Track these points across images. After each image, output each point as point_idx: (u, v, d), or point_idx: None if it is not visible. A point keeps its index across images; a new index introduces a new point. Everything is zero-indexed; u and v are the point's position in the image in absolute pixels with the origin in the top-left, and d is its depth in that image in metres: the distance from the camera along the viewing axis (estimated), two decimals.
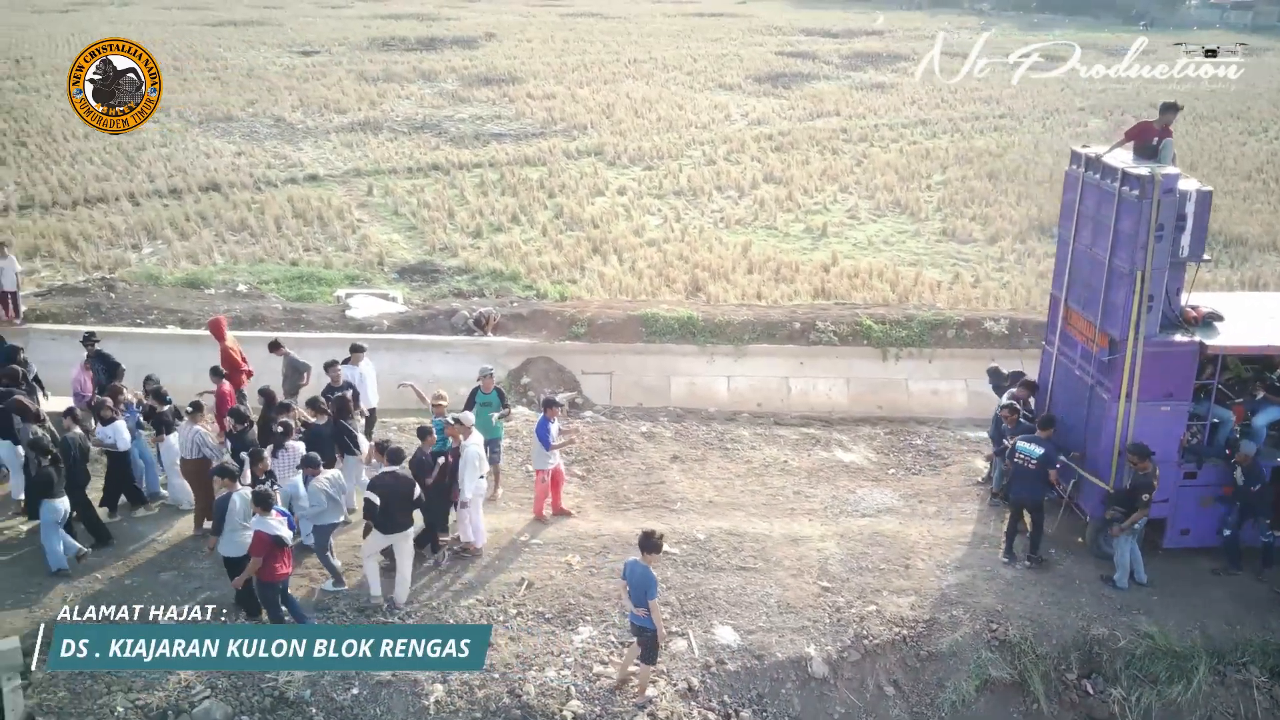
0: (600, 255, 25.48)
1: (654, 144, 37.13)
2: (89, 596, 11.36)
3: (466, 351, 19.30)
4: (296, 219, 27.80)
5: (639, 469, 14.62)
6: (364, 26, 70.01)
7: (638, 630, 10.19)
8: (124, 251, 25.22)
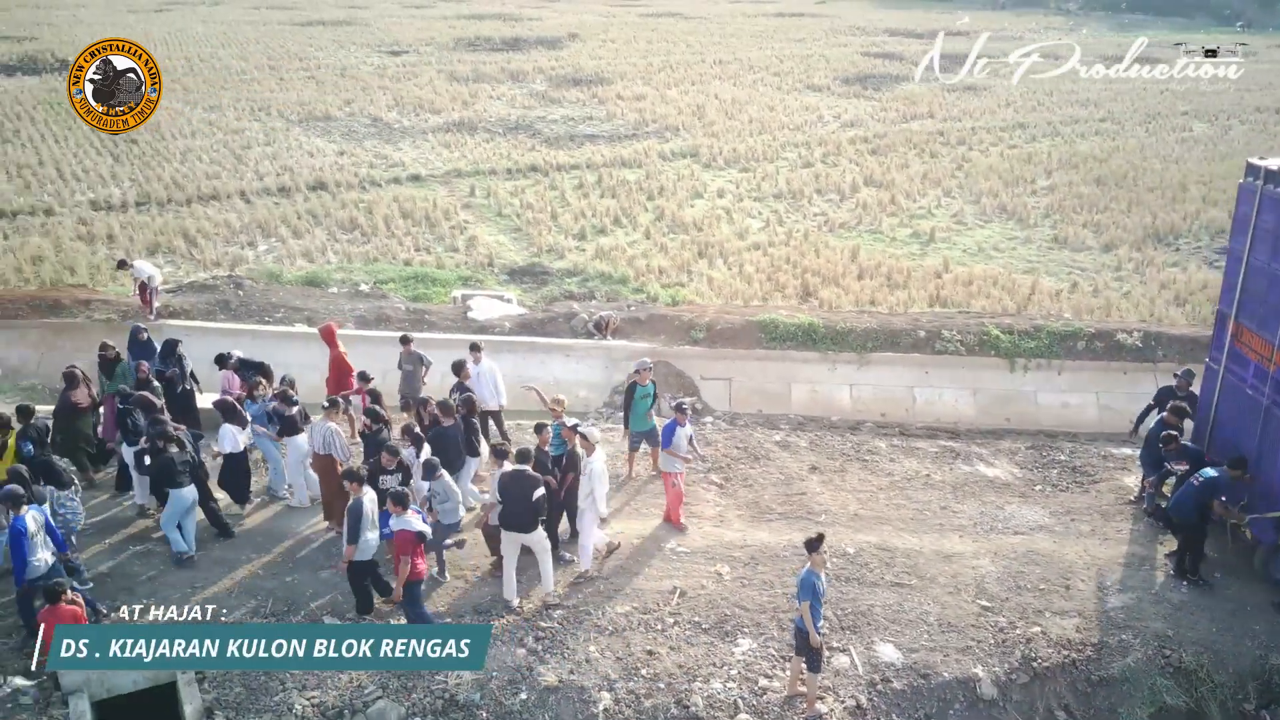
0: (706, 259, 25.40)
1: (748, 146, 36.95)
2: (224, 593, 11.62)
3: (586, 354, 19.40)
4: (405, 219, 28.16)
5: (778, 479, 14.51)
6: (449, 27, 70.79)
7: (797, 631, 10.13)
8: (240, 249, 25.77)
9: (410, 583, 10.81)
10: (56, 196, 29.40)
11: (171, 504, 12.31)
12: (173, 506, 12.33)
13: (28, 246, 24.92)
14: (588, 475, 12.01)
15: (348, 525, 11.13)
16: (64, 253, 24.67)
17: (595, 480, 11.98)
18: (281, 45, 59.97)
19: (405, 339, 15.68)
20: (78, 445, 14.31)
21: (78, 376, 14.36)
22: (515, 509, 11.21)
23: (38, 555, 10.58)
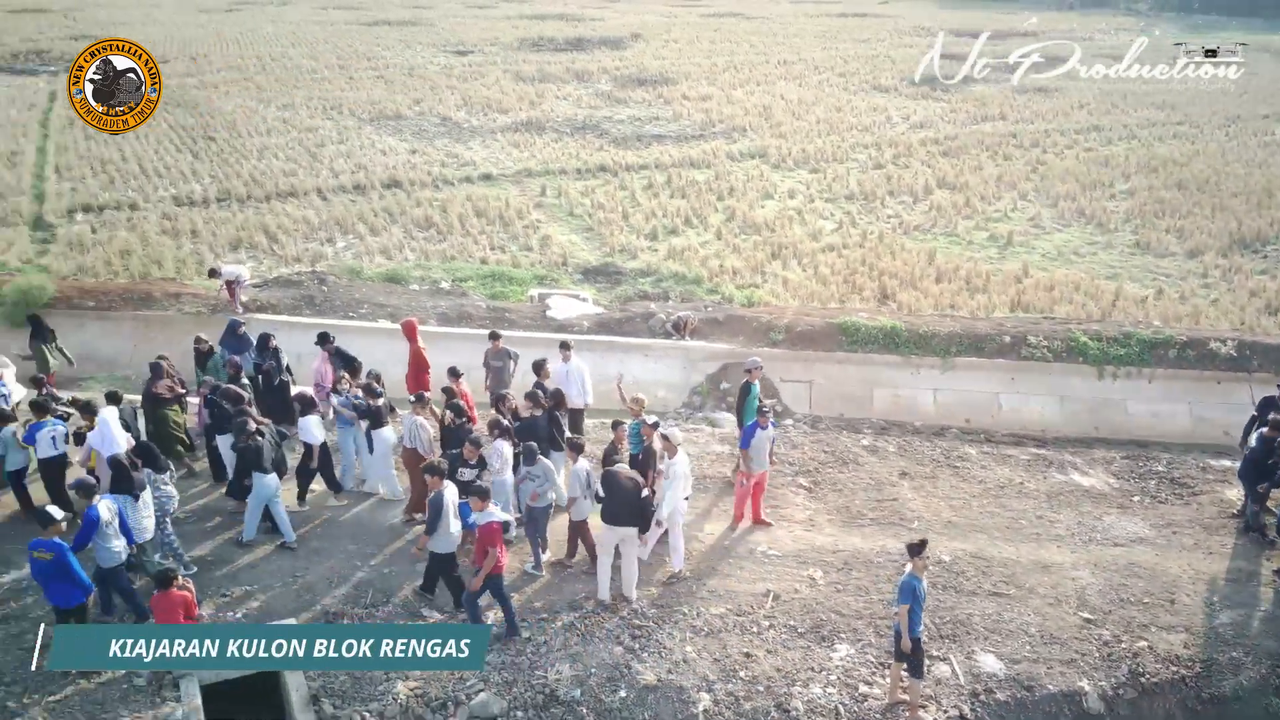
0: (780, 260, 25.31)
1: (817, 147, 36.74)
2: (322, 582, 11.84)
3: (664, 355, 19.39)
4: (479, 218, 28.42)
5: (868, 483, 14.39)
6: (512, 27, 71.29)
7: (896, 635, 10.03)
8: (320, 245, 26.20)
9: (492, 576, 10.87)
10: (140, 192, 30.14)
11: (256, 489, 12.59)
12: (257, 492, 12.60)
13: (116, 240, 25.57)
14: (670, 477, 12.01)
15: (429, 517, 11.30)
16: (150, 247, 25.28)
17: (677, 482, 11.99)
18: (349, 45, 60.80)
19: (494, 335, 15.81)
20: (169, 434, 14.65)
21: (161, 368, 14.68)
22: (623, 505, 11.24)
23: (111, 544, 10.82)
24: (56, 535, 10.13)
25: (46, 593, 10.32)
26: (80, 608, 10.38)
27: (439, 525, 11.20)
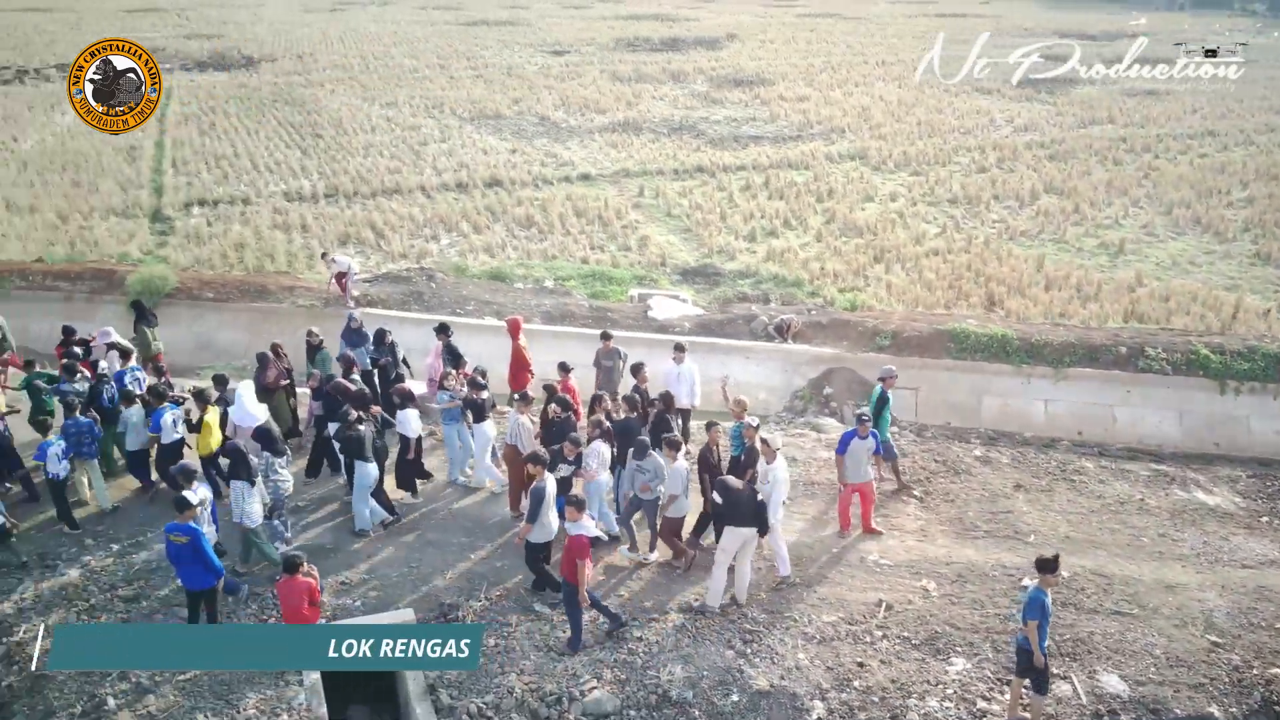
0: (883, 264, 24.95)
1: (918, 149, 36.12)
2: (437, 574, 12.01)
3: (767, 357, 19.31)
4: (578, 218, 28.62)
5: (980, 495, 14.12)
6: (608, 27, 71.70)
7: (1019, 651, 9.80)
8: (425, 242, 26.68)
9: (572, 584, 10.83)
10: (252, 187, 31.07)
11: (358, 478, 12.89)
12: (360, 481, 12.91)
13: (230, 234, 26.42)
14: (770, 482, 11.95)
15: (529, 506, 11.47)
16: (263, 240, 26.04)
17: (779, 487, 11.94)
18: (449, 45, 61.86)
19: (606, 335, 15.93)
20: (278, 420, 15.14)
21: (268, 358, 15.27)
22: (744, 508, 11.23)
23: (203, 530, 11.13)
24: (191, 520, 10.53)
25: (179, 574, 10.73)
26: (211, 591, 10.77)
27: (538, 515, 11.34)
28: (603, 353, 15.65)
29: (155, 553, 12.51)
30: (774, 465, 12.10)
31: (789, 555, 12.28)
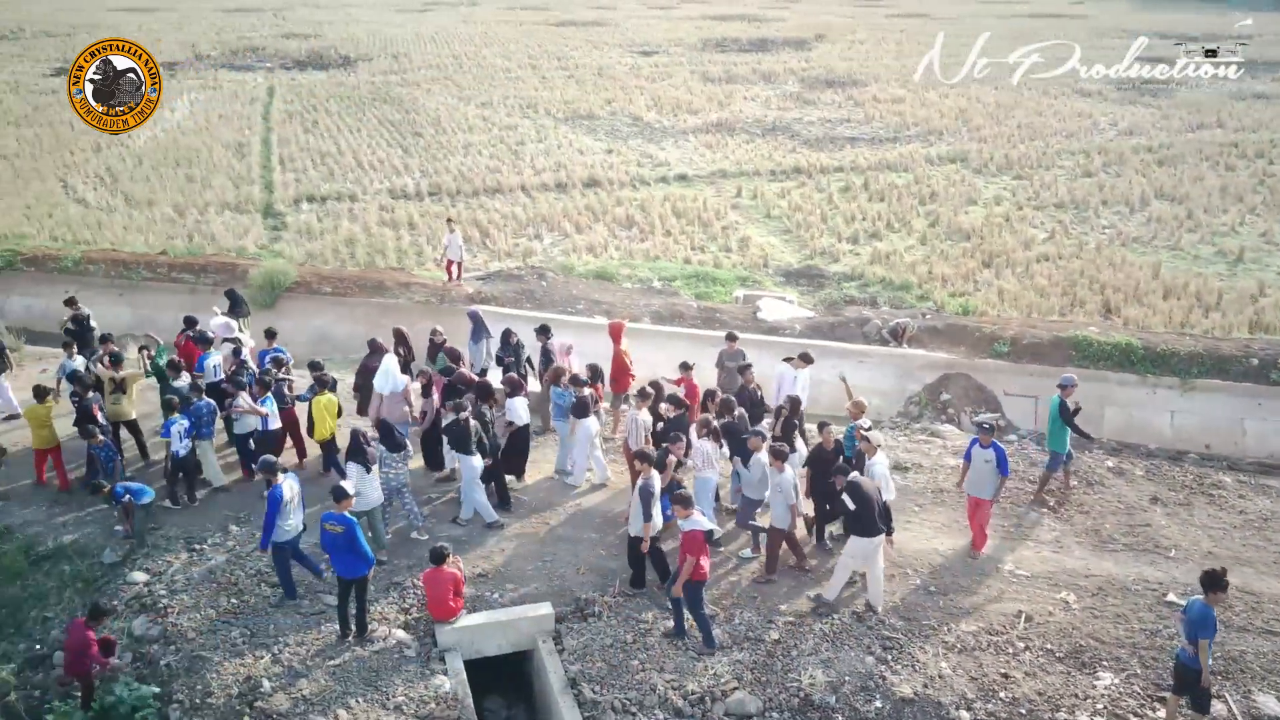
0: (992, 269, 24.53)
1: (1020, 152, 35.46)
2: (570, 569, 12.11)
3: (881, 362, 19.14)
4: (678, 218, 28.66)
5: (1116, 507, 13.81)
6: (695, 27, 71.72)
7: (1180, 668, 9.55)
8: (529, 240, 26.98)
9: (693, 583, 10.88)
10: (358, 184, 31.75)
11: (464, 470, 13.16)
12: (466, 473, 13.16)
13: (340, 230, 27.03)
14: (870, 476, 11.89)
15: (641, 504, 11.51)
16: (372, 237, 26.60)
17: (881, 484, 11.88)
18: (539, 45, 62.45)
19: (731, 336, 15.95)
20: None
21: (380, 345, 15.64)
22: (873, 513, 11.16)
23: (289, 521, 11.56)
24: (347, 509, 10.81)
25: (334, 563, 11.00)
26: (363, 579, 11.03)
27: (651, 512, 11.47)
28: (726, 353, 15.67)
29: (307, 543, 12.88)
30: (874, 460, 12.08)
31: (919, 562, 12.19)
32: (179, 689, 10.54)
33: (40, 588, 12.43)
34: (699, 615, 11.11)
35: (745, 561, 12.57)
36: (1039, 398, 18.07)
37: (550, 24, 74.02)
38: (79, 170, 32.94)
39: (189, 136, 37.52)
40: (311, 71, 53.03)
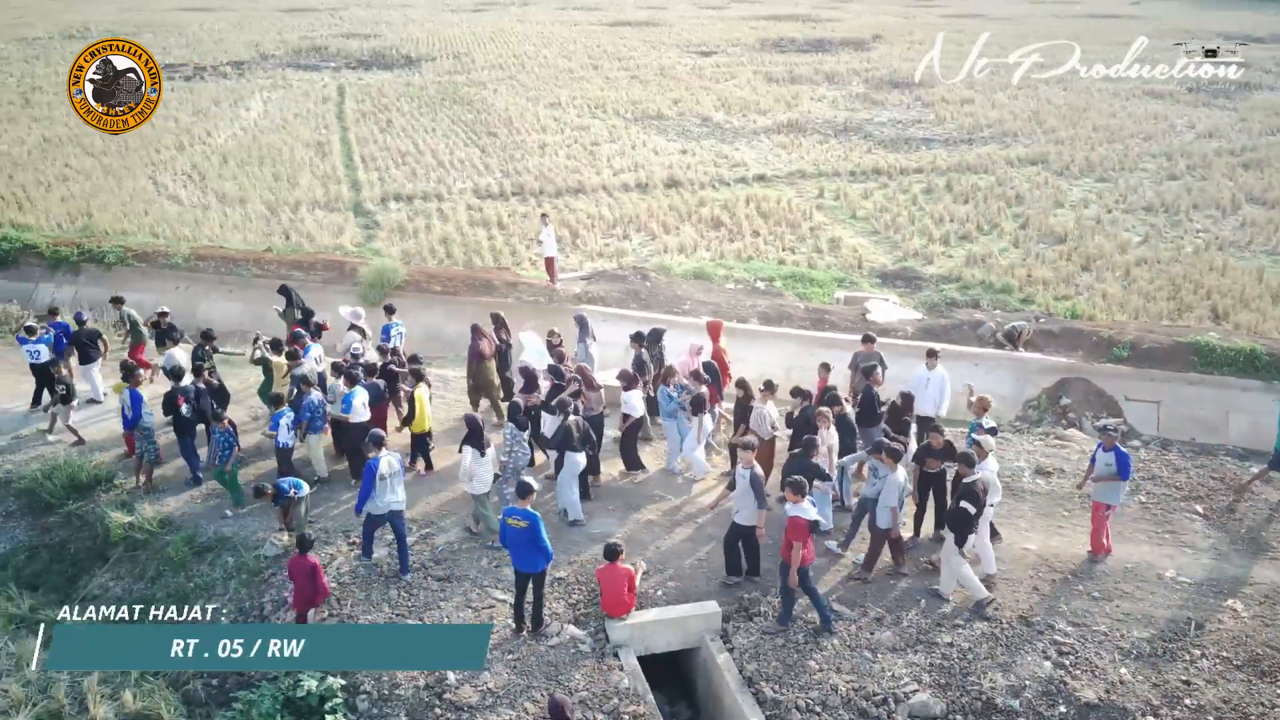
0: (1092, 272, 24.36)
1: (1100, 154, 35.19)
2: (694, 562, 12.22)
3: (996, 365, 19.06)
4: (764, 219, 28.71)
5: (1270, 514, 13.72)
6: (750, 28, 71.59)
7: None
8: (618, 241, 27.12)
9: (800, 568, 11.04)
10: (440, 184, 32.03)
11: (566, 466, 13.36)
12: (567, 469, 13.37)
13: (433, 229, 27.29)
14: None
15: (756, 494, 11.73)
16: (465, 236, 26.85)
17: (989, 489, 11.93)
18: (597, 45, 62.63)
19: (868, 339, 15.96)
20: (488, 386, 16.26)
21: (481, 330, 16.16)
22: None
23: (385, 497, 12.00)
24: (529, 505, 10.96)
25: (514, 557, 11.15)
26: (540, 574, 11.18)
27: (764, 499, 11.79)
28: (862, 355, 15.68)
29: (455, 535, 13.08)
30: (982, 463, 12.07)
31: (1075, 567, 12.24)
32: (365, 680, 10.73)
33: (206, 579, 12.69)
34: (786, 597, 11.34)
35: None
36: (1161, 403, 18.02)
37: (604, 24, 74.18)
38: (167, 168, 33.47)
39: (268, 135, 38.00)
40: (377, 71, 53.51)
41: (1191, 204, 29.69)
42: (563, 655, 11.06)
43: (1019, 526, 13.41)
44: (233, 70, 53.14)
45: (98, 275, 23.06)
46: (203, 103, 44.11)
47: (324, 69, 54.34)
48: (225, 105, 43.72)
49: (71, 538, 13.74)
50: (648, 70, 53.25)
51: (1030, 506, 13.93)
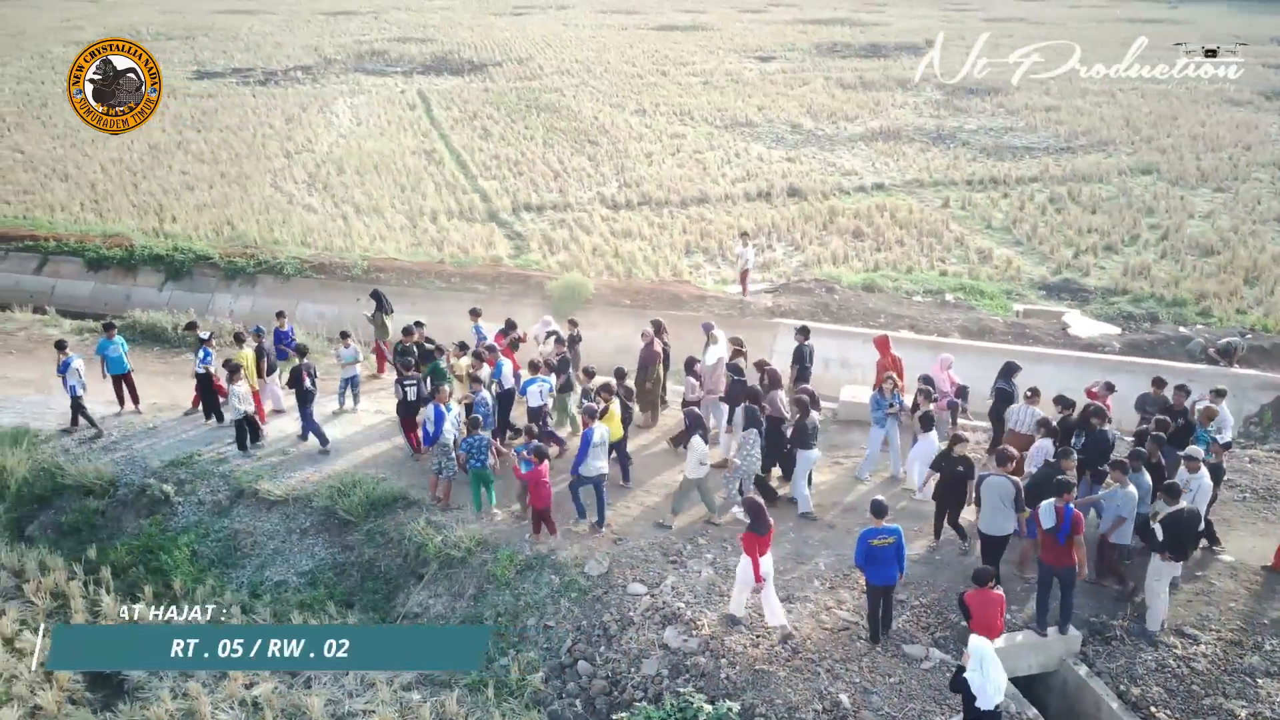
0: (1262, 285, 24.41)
1: (1208, 164, 35.36)
2: None
3: (1212, 382, 19.05)
4: (900, 228, 28.78)
5: None
6: (799, 32, 71.66)
7: None
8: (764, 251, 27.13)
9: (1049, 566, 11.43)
10: (563, 193, 32.01)
11: (800, 462, 13.83)
12: (800, 465, 13.83)
13: (580, 240, 27.28)
14: (1191, 490, 12.13)
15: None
16: (615, 247, 26.81)
17: (1199, 496, 12.21)
18: (655, 49, 62.62)
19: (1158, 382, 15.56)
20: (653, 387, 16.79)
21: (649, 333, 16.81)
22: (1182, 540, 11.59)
23: (597, 461, 13.29)
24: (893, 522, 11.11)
25: (871, 574, 11.23)
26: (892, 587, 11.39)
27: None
28: (1150, 398, 15.32)
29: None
30: (1198, 475, 12.28)
31: None
32: (757, 703, 10.76)
33: (533, 597, 12.69)
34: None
35: None
36: None
37: (651, 28, 74.18)
38: (284, 176, 33.38)
39: (371, 141, 37.97)
40: (447, 76, 53.44)
41: None
42: (937, 678, 11.10)
43: None
44: (304, 75, 52.99)
45: (274, 286, 23.05)
46: (290, 108, 44.00)
47: (391, 73, 54.29)
48: (313, 111, 43.61)
49: (379, 555, 13.72)
50: (718, 76, 53.28)
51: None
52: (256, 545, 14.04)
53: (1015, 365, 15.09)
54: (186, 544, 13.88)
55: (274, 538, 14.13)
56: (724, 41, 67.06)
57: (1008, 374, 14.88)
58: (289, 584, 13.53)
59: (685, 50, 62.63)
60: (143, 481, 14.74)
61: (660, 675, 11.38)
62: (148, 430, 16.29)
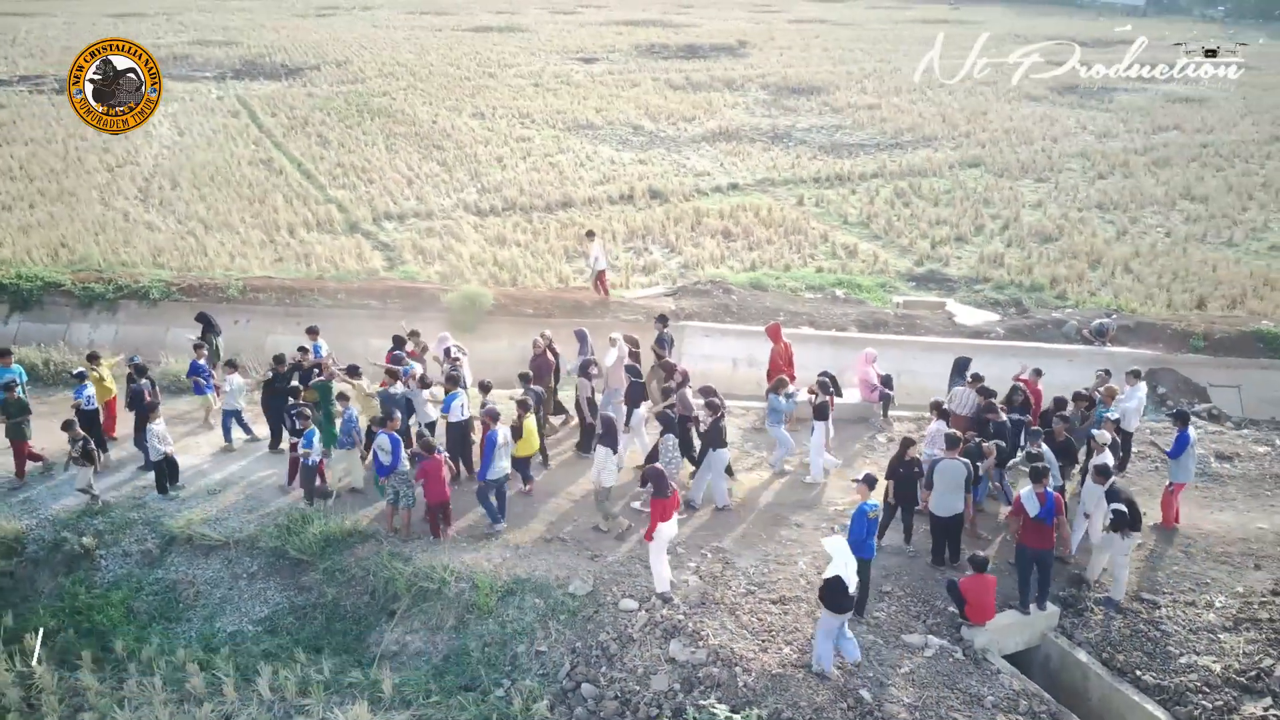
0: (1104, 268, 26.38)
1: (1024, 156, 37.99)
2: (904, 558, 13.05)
3: (1089, 361, 20.52)
4: (766, 227, 29.45)
5: None
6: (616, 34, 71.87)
7: None
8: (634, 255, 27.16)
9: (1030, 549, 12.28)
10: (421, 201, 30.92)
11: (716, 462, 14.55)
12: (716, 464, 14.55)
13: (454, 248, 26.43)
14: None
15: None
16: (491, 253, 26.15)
17: None
18: (474, 51, 61.60)
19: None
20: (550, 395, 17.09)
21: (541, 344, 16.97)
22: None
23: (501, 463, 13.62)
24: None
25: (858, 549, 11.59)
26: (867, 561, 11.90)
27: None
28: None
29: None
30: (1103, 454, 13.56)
31: None
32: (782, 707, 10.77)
33: (520, 623, 12.25)
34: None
35: None
36: (1240, 387, 20.09)
37: (465, 29, 72.88)
38: (113, 192, 30.72)
39: (201, 153, 35.57)
40: (262, 81, 50.69)
41: (1133, 201, 32.73)
42: (943, 665, 11.47)
43: (1238, 508, 14.79)
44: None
45: (140, 312, 21.20)
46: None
47: (199, 79, 51.06)
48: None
49: (342, 594, 12.86)
50: (547, 78, 52.92)
51: (1236, 489, 15.34)
52: (200, 595, 12.89)
53: (966, 359, 15.76)
54: (119, 600, 12.60)
55: (219, 585, 13.00)
56: (543, 43, 66.69)
57: (961, 369, 15.59)
58: (245, 634, 12.49)
59: (507, 52, 61.86)
60: (55, 536, 13.21)
61: (673, 690, 11.21)
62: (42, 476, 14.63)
